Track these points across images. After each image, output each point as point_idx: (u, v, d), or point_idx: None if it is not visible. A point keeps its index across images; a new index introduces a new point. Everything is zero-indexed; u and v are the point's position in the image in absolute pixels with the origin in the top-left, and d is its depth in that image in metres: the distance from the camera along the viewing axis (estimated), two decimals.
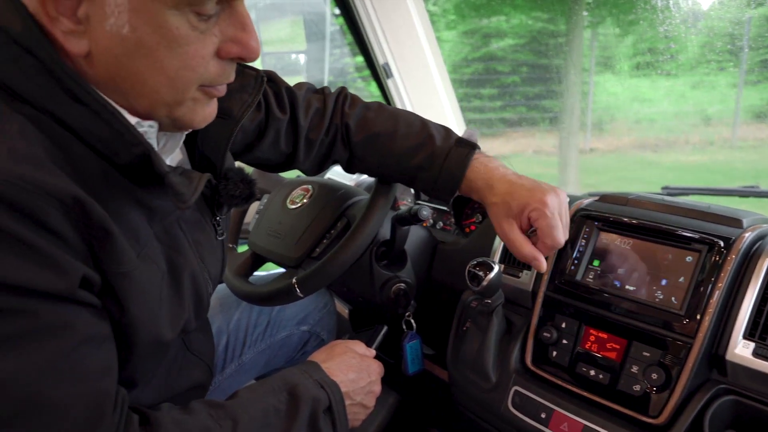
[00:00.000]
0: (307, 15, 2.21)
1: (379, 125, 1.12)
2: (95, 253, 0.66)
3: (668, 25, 3.19)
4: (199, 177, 0.73)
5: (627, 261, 1.05)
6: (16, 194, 0.58)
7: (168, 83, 0.68)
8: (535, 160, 5.83)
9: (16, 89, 0.64)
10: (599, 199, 1.18)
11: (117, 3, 0.62)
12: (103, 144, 0.68)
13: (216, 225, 0.90)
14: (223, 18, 0.68)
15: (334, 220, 1.29)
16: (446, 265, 1.41)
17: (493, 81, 6.10)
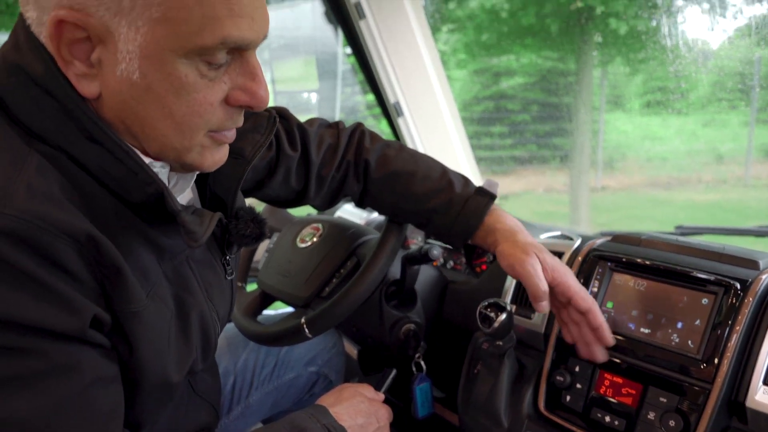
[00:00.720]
0: (320, 54, 2.24)
1: (400, 164, 1.12)
2: (106, 292, 0.66)
3: (678, 65, 3.21)
4: (210, 216, 0.73)
5: (641, 303, 1.03)
6: (32, 232, 0.58)
7: (175, 128, 0.68)
8: (546, 198, 5.82)
9: (34, 128, 0.66)
10: (612, 239, 1.17)
11: (129, 50, 0.64)
12: (117, 182, 0.68)
13: (225, 264, 0.89)
14: (233, 66, 0.69)
15: (344, 259, 1.28)
16: (457, 306, 1.39)
17: (504, 119, 6.14)
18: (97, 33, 0.63)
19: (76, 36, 0.64)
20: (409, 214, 1.13)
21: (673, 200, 5.34)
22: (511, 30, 4.91)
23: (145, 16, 0.63)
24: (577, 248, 1.17)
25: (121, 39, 0.63)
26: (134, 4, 0.62)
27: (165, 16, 0.63)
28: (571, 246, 1.18)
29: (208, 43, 0.64)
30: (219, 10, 0.64)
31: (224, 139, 0.75)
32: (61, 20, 0.62)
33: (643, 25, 3.91)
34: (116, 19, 0.63)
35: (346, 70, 2.47)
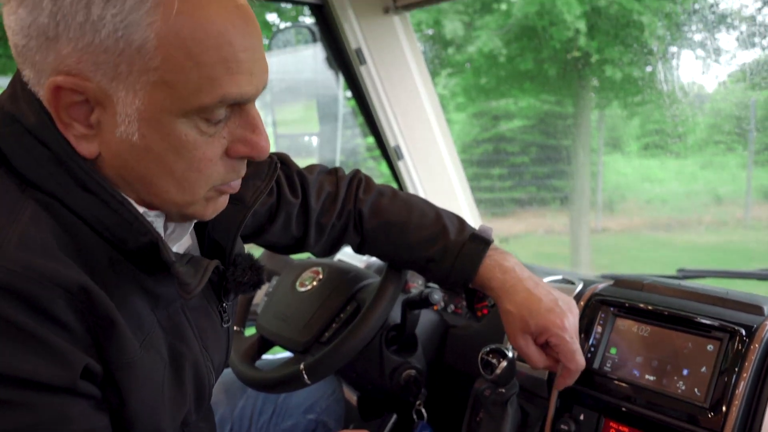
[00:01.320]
0: (321, 98, 2.27)
1: (393, 214, 1.12)
2: (99, 343, 0.65)
3: (674, 108, 3.25)
4: (205, 266, 0.72)
5: (645, 349, 1.01)
6: (24, 284, 0.58)
7: (176, 184, 0.69)
8: (547, 240, 5.81)
9: (29, 176, 0.66)
10: (614, 284, 1.16)
11: (127, 113, 0.64)
12: (111, 231, 0.68)
13: (222, 312, 0.88)
14: (232, 119, 0.69)
15: (343, 303, 1.27)
16: (458, 351, 1.37)
17: (503, 161, 6.18)
18: (95, 97, 0.64)
19: (74, 99, 0.64)
20: (407, 262, 1.12)
21: (674, 242, 5.34)
22: (509, 74, 4.99)
23: (143, 80, 0.63)
24: (579, 293, 1.16)
25: (120, 102, 0.63)
26: (131, 69, 0.62)
27: (162, 79, 0.63)
28: (573, 290, 1.17)
29: (206, 102, 0.64)
30: (217, 70, 0.64)
31: (229, 191, 0.75)
32: (58, 86, 0.63)
33: (639, 71, 3.98)
34: (113, 83, 0.63)
35: (346, 113, 2.49)
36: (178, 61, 0.63)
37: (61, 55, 0.62)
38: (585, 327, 1.09)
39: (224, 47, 0.64)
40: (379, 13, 1.89)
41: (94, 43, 0.61)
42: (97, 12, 0.60)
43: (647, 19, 3.58)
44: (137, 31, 0.61)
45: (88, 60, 0.62)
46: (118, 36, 0.61)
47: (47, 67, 0.63)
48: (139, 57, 0.62)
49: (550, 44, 4.35)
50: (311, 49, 2.17)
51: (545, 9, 4.13)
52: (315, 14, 1.94)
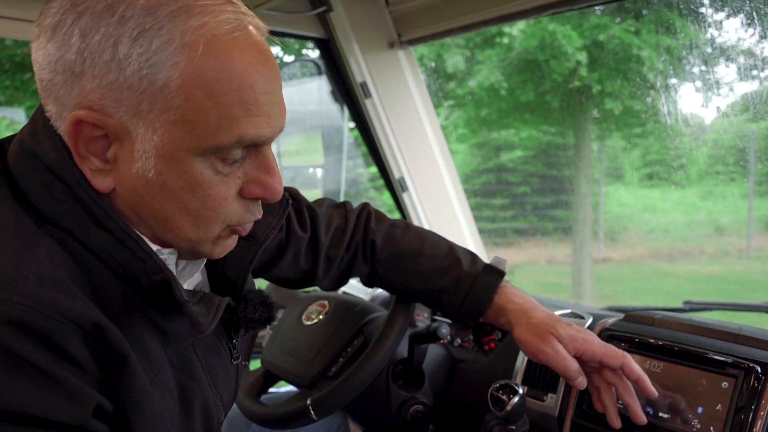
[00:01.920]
0: (325, 129, 2.28)
1: (406, 244, 1.12)
2: (110, 380, 0.65)
3: (675, 139, 3.27)
4: (217, 304, 0.72)
5: (659, 386, 1.00)
6: (38, 320, 0.58)
7: (191, 221, 0.69)
8: (548, 270, 5.80)
9: (45, 212, 0.67)
10: (624, 318, 1.15)
11: (145, 149, 0.65)
12: (124, 269, 0.68)
13: (232, 348, 0.87)
14: (248, 161, 0.70)
15: (350, 337, 1.25)
16: (466, 386, 1.35)
17: (504, 191, 6.20)
18: (114, 132, 0.65)
19: (94, 134, 0.65)
20: (418, 294, 1.11)
21: (677, 272, 5.32)
22: (510, 106, 5.04)
23: (163, 118, 0.64)
24: (589, 327, 1.15)
25: (138, 139, 0.65)
26: (152, 107, 0.63)
27: (183, 118, 0.64)
28: (583, 325, 1.16)
29: (224, 142, 0.65)
30: (236, 111, 0.65)
31: (241, 232, 0.75)
32: (80, 120, 0.64)
33: (639, 104, 4.02)
34: (134, 120, 0.64)
35: (349, 144, 2.51)
36: (198, 101, 0.64)
37: (85, 91, 0.63)
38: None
39: (245, 90, 0.65)
40: (384, 48, 1.92)
41: (119, 81, 0.63)
42: (123, 51, 0.62)
43: (647, 53, 3.63)
44: (162, 71, 0.63)
45: (111, 96, 0.63)
46: (143, 75, 0.62)
47: (70, 102, 0.64)
48: (162, 96, 0.63)
49: (551, 77, 4.41)
50: (316, 82, 2.19)
51: (546, 42, 4.19)
52: (321, 48, 1.97)
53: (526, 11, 1.63)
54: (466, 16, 1.73)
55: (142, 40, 0.62)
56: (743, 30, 3.02)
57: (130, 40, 0.62)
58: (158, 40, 0.62)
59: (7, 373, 0.57)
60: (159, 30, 0.62)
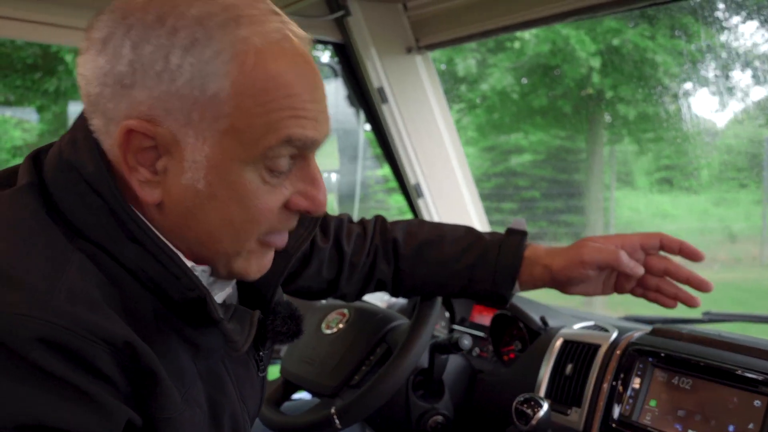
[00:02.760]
0: (340, 133, 2.28)
1: (426, 234, 1.13)
2: (142, 398, 0.64)
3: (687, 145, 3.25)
4: (250, 320, 0.72)
5: (688, 402, 0.98)
6: (70, 339, 0.57)
7: (232, 234, 0.69)
8: None
9: (78, 225, 0.66)
10: (651, 332, 1.13)
11: (195, 159, 0.65)
12: (157, 284, 0.67)
13: (259, 360, 0.87)
14: (294, 172, 0.70)
15: (373, 345, 1.24)
16: (486, 397, 1.34)
17: (513, 196, 6.19)
18: (164, 142, 0.65)
19: (144, 144, 0.65)
20: (448, 280, 1.11)
21: None
22: (521, 110, 5.03)
23: (213, 127, 0.64)
24: (614, 341, 1.13)
25: (188, 149, 0.65)
26: (203, 117, 0.64)
27: (233, 126, 0.64)
28: (608, 338, 1.15)
29: (272, 143, 0.65)
30: (284, 114, 0.65)
31: (274, 244, 0.74)
32: (130, 129, 0.64)
33: (652, 109, 4.00)
34: (184, 130, 0.64)
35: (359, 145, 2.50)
36: (249, 109, 0.64)
37: (135, 102, 0.64)
38: (623, 378, 1.06)
39: (294, 97, 0.66)
40: (402, 53, 1.91)
41: (170, 91, 0.63)
42: (176, 61, 0.62)
43: (661, 58, 3.61)
44: (213, 80, 0.63)
45: (161, 107, 0.63)
46: (194, 84, 0.63)
47: (119, 115, 0.64)
48: (212, 105, 0.64)
49: (563, 81, 4.39)
50: (332, 85, 2.19)
51: (558, 46, 4.17)
52: (337, 53, 1.96)
53: (547, 18, 1.62)
54: (485, 21, 1.72)
55: (193, 51, 0.63)
56: (759, 35, 2.99)
57: (181, 50, 0.62)
58: (209, 50, 0.63)
59: (39, 389, 0.56)
60: (210, 40, 0.63)
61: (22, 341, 0.56)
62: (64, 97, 4.57)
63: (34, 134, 5.10)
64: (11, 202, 0.66)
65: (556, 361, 1.19)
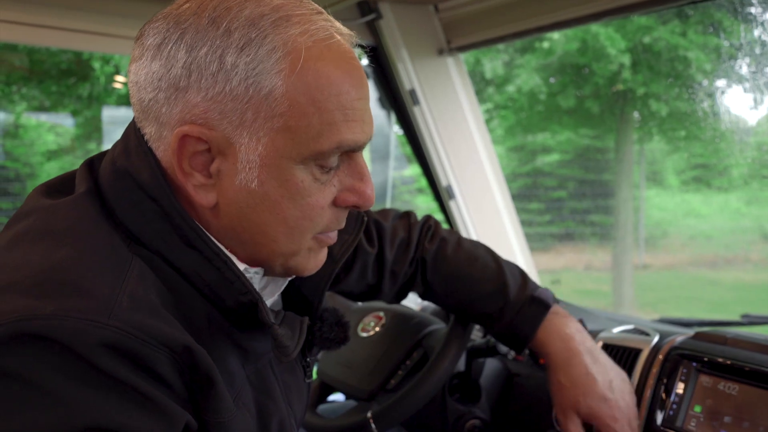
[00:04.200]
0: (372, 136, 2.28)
1: (454, 266, 1.11)
2: (197, 401, 0.65)
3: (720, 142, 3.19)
4: (299, 326, 0.72)
5: (734, 409, 0.96)
6: (133, 344, 0.59)
7: (287, 232, 0.70)
8: (587, 276, 5.71)
9: (135, 231, 0.67)
10: (694, 336, 1.11)
11: (248, 159, 0.66)
12: (211, 288, 0.69)
13: (305, 367, 0.87)
14: (342, 168, 0.71)
15: (409, 350, 1.24)
16: (523, 401, 1.33)
17: (541, 196, 6.13)
18: (218, 145, 0.66)
19: (198, 148, 0.66)
20: (468, 316, 1.12)
21: (721, 280, 5.18)
22: (549, 110, 4.98)
23: (267, 126, 0.65)
24: (656, 345, 1.12)
25: (242, 150, 0.66)
26: (257, 116, 0.65)
27: (286, 125, 0.65)
28: (649, 342, 1.13)
29: (325, 148, 0.67)
30: (336, 116, 0.66)
31: (328, 241, 0.75)
32: (185, 135, 0.65)
33: (685, 106, 3.93)
34: (238, 131, 0.65)
35: (384, 145, 2.50)
36: (302, 107, 0.65)
37: (189, 105, 0.65)
38: (665, 382, 1.05)
39: (343, 95, 0.67)
40: (433, 55, 1.91)
41: (225, 91, 0.64)
42: (231, 60, 0.64)
43: (694, 54, 3.55)
44: (267, 79, 0.64)
45: (216, 108, 0.65)
46: (249, 83, 0.64)
47: (173, 119, 0.66)
48: (266, 104, 0.65)
49: (592, 80, 4.34)
50: None
51: (588, 45, 4.12)
52: (369, 56, 1.96)
53: (579, 18, 1.61)
54: (517, 22, 1.71)
55: (248, 50, 0.64)
56: None
57: (236, 50, 0.64)
58: (263, 48, 0.64)
59: (102, 393, 0.58)
60: (264, 39, 0.64)
61: (89, 346, 0.57)
62: (97, 102, 4.65)
63: (68, 138, 5.21)
64: (74, 209, 0.68)
65: None
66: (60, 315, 0.57)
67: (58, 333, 0.56)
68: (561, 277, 5.61)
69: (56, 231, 0.65)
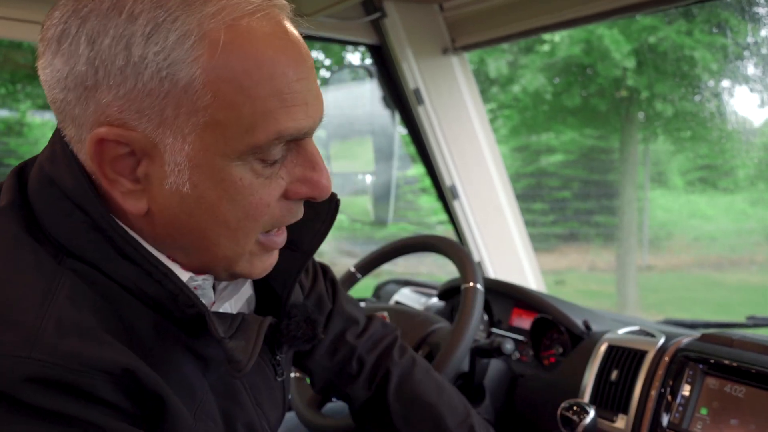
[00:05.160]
0: (375, 135, 2.28)
1: (422, 392, 0.97)
2: (150, 420, 0.60)
3: (725, 143, 3.17)
4: (255, 334, 0.66)
5: (741, 411, 0.95)
6: (62, 374, 0.54)
7: (229, 235, 0.63)
8: (590, 277, 5.69)
9: (66, 244, 0.61)
10: (700, 338, 1.10)
11: (176, 161, 0.59)
12: (155, 301, 0.63)
13: (276, 365, 0.81)
14: (290, 159, 0.64)
15: (414, 348, 1.24)
16: (527, 402, 1.32)
17: (544, 196, 6.12)
18: (141, 147, 0.59)
19: (119, 152, 0.59)
20: None
21: (725, 282, 5.16)
22: (553, 110, 4.96)
23: (191, 122, 0.58)
24: (662, 347, 1.11)
25: (167, 150, 0.59)
26: (178, 112, 0.57)
27: (213, 119, 0.58)
28: (655, 344, 1.12)
29: (262, 140, 0.59)
30: (271, 103, 0.59)
31: (274, 246, 0.68)
32: (101, 138, 0.58)
33: (690, 106, 3.91)
34: (160, 130, 0.58)
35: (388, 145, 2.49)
36: (228, 97, 0.57)
37: (102, 105, 0.57)
38: (671, 384, 1.04)
39: (277, 77, 0.59)
40: (438, 54, 1.90)
41: (137, 88, 0.57)
42: (138, 52, 0.56)
43: (699, 54, 3.53)
44: (182, 69, 0.56)
45: (131, 107, 0.57)
46: (162, 76, 0.56)
47: (87, 120, 0.59)
48: (186, 97, 0.57)
49: (596, 80, 4.32)
50: (362, 87, 2.19)
51: (592, 46, 4.11)
52: (373, 55, 1.96)
53: (585, 18, 1.60)
54: (522, 22, 1.70)
55: (156, 37, 0.56)
56: None
57: (143, 38, 0.56)
58: (174, 33, 0.56)
59: (41, 427, 0.53)
60: (173, 22, 0.56)
61: (12, 384, 0.52)
62: None
63: None
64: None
65: (601, 366, 1.17)
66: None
67: None
68: (565, 277, 5.60)
69: None
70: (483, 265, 2.04)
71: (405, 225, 5.58)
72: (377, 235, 5.15)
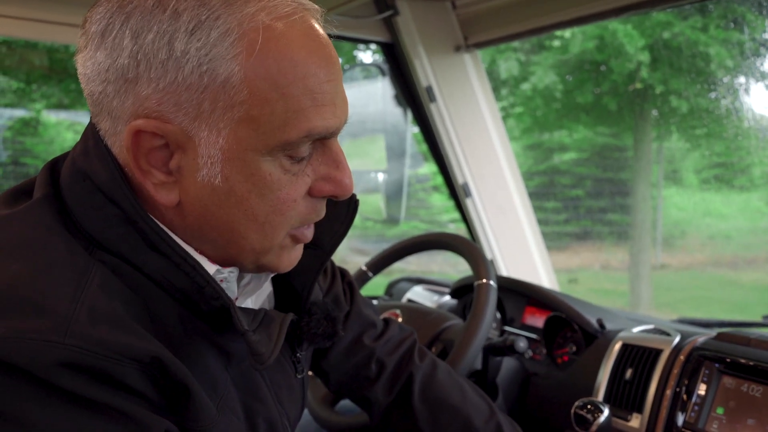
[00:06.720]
0: (388, 134, 2.28)
1: (447, 394, 0.97)
2: (176, 410, 0.62)
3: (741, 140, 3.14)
4: (278, 329, 0.68)
5: (758, 411, 0.94)
6: (92, 360, 0.55)
7: (257, 229, 0.65)
8: (604, 276, 5.65)
9: (97, 236, 0.63)
10: (716, 337, 1.09)
11: (210, 154, 0.61)
12: (182, 294, 0.65)
13: (296, 362, 0.83)
14: (315, 157, 0.66)
15: (427, 345, 1.24)
16: (540, 400, 1.31)
17: (557, 194, 6.08)
18: (175, 139, 0.61)
19: (154, 144, 0.61)
20: None
21: (740, 281, 5.10)
22: (565, 107, 4.93)
23: (227, 117, 0.60)
24: (677, 346, 1.10)
25: (202, 143, 0.61)
26: (215, 106, 0.60)
27: (248, 114, 0.60)
28: (670, 343, 1.11)
29: (293, 137, 0.62)
30: (303, 101, 0.61)
31: (303, 239, 0.70)
32: (138, 130, 0.60)
33: (705, 103, 3.87)
34: (196, 123, 0.60)
35: (398, 142, 2.49)
36: (264, 94, 0.60)
37: (141, 97, 0.60)
38: (686, 383, 1.03)
39: (309, 78, 0.61)
40: (450, 52, 1.90)
41: (177, 81, 0.59)
42: (180, 47, 0.58)
43: (715, 50, 3.49)
44: (222, 65, 0.59)
45: (170, 100, 0.60)
46: (203, 71, 0.59)
47: (125, 113, 0.61)
48: (224, 92, 0.60)
49: (609, 77, 4.29)
50: (374, 85, 2.18)
51: (606, 41, 4.07)
52: (385, 53, 1.96)
53: (598, 14, 1.59)
54: (535, 19, 1.69)
55: (199, 33, 0.58)
56: None
57: (186, 34, 0.58)
58: (216, 31, 0.59)
59: (70, 413, 0.55)
60: (216, 20, 0.59)
61: (46, 368, 0.54)
62: None
63: None
64: (26, 218, 0.63)
65: (615, 365, 1.17)
66: (14, 336, 0.54)
67: (14, 355, 0.53)
68: (578, 276, 5.56)
69: (7, 245, 0.61)
70: (495, 264, 2.04)
71: (417, 223, 5.58)
72: (389, 233, 5.15)
